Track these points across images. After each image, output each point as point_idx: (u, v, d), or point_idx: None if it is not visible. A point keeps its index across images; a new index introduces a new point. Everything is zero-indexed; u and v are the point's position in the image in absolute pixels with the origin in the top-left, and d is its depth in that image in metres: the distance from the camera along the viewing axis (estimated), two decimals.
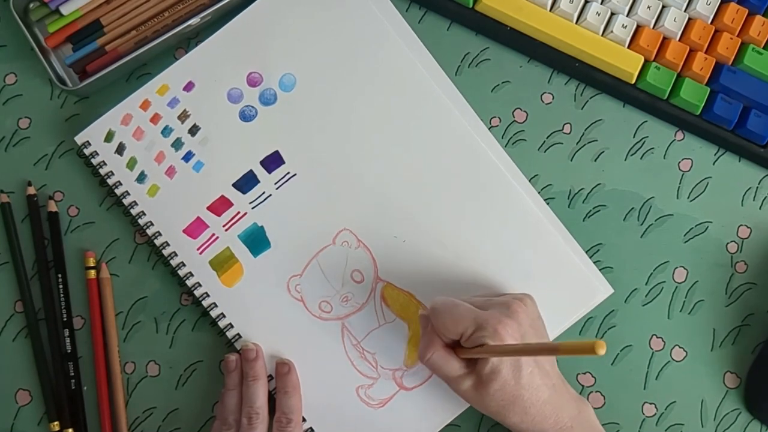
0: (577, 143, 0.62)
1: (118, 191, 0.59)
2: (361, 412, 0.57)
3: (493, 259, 0.58)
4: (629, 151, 0.62)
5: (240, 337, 0.57)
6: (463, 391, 0.52)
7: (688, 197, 0.61)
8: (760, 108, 0.60)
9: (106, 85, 0.61)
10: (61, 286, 0.58)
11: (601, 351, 0.38)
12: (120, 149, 0.59)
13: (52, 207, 0.59)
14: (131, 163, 0.59)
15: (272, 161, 0.59)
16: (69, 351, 0.58)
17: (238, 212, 0.59)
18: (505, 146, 0.61)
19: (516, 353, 0.48)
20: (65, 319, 0.58)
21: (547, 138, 0.62)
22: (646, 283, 0.60)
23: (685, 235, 0.61)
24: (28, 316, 0.58)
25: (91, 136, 0.59)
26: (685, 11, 0.60)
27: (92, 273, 0.59)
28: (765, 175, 0.62)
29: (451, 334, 0.51)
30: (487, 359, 0.50)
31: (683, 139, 0.62)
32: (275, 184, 0.59)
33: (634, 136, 0.62)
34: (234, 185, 0.59)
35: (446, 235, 0.58)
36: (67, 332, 0.58)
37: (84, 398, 0.58)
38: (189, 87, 0.59)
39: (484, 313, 0.51)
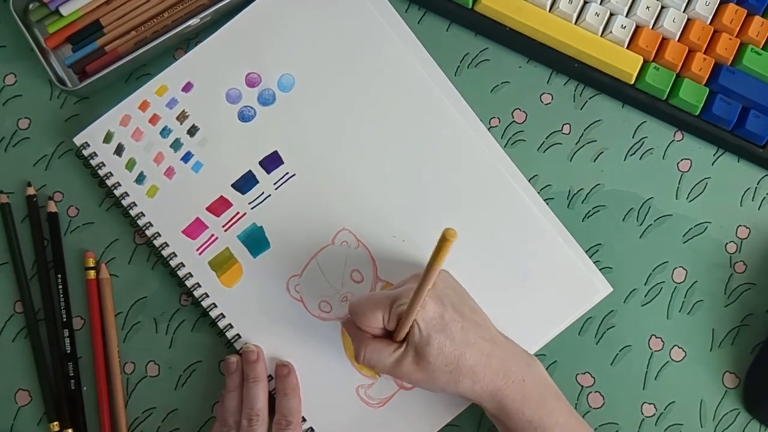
0: (576, 143, 0.62)
1: (118, 192, 0.59)
2: (360, 412, 0.57)
3: (492, 259, 0.58)
4: (628, 151, 0.62)
5: (239, 337, 0.57)
6: (409, 373, 0.51)
7: (687, 197, 0.61)
8: (759, 108, 0.60)
9: (106, 86, 0.61)
10: (60, 287, 0.58)
11: (452, 237, 0.40)
12: (119, 150, 0.59)
13: (52, 207, 0.59)
14: (130, 164, 0.59)
15: (271, 161, 0.59)
16: (69, 351, 0.58)
17: (238, 212, 0.59)
18: (505, 146, 0.61)
19: (419, 292, 0.46)
20: (65, 320, 0.58)
21: (547, 138, 0.62)
22: (645, 284, 0.60)
23: (684, 236, 0.61)
24: (27, 317, 0.58)
25: (90, 136, 0.59)
26: (684, 12, 0.60)
27: (92, 273, 0.59)
28: (764, 176, 0.62)
29: (374, 321, 0.51)
30: (414, 330, 0.50)
31: (682, 139, 0.62)
32: (274, 184, 0.59)
33: (633, 137, 0.62)
34: (233, 186, 0.59)
35: None
36: (66, 332, 0.58)
37: (84, 399, 0.58)
38: (188, 88, 0.59)
39: (399, 289, 0.51)
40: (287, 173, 0.59)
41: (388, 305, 0.50)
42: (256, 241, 0.58)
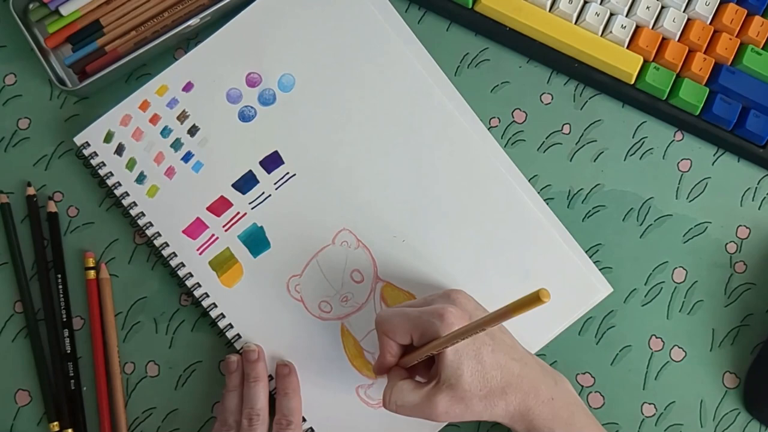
0: (576, 143, 0.62)
1: (118, 192, 0.59)
2: (361, 412, 0.57)
3: (492, 259, 0.58)
4: (628, 151, 0.62)
5: (240, 337, 0.57)
6: (445, 408, 0.49)
7: (687, 197, 0.61)
8: (759, 108, 0.60)
9: (106, 86, 0.61)
10: (60, 287, 0.58)
11: (546, 298, 0.39)
12: (119, 150, 0.59)
13: (52, 208, 0.59)
14: (130, 164, 0.59)
15: (271, 161, 0.59)
16: (69, 351, 0.58)
17: (238, 212, 0.59)
18: (505, 146, 0.61)
19: (471, 331, 0.46)
20: (65, 320, 0.58)
21: (547, 138, 0.62)
22: (645, 284, 0.60)
23: (684, 236, 0.61)
24: (27, 317, 0.58)
25: (91, 136, 0.59)
26: (684, 12, 0.60)
27: (92, 273, 0.59)
28: (764, 176, 0.62)
29: (401, 337, 0.50)
30: (444, 364, 0.48)
31: (682, 139, 0.62)
32: (275, 184, 0.59)
33: (633, 137, 0.62)
34: (233, 185, 0.59)
35: (445, 235, 0.59)
36: (66, 333, 0.58)
37: (83, 399, 0.58)
38: (188, 87, 0.59)
39: (428, 307, 0.50)
40: (287, 173, 0.59)
41: (420, 323, 0.49)
42: (256, 241, 0.58)
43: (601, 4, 0.60)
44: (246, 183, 0.59)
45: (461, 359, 0.49)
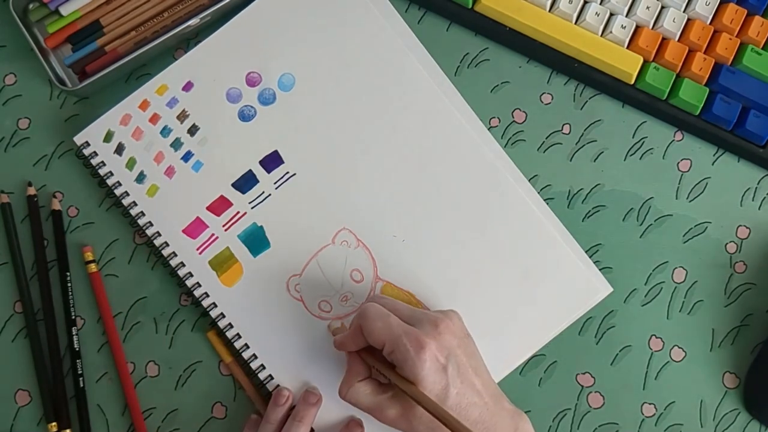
0: (576, 143, 0.62)
1: (118, 191, 0.59)
2: (360, 413, 0.57)
3: (492, 259, 0.58)
4: (628, 151, 0.62)
5: (239, 337, 0.57)
6: (392, 420, 0.50)
7: (687, 197, 0.61)
8: (759, 108, 0.60)
9: (106, 86, 0.61)
10: (70, 284, 0.58)
11: None
12: (119, 149, 0.59)
13: (56, 205, 0.59)
14: (130, 163, 0.59)
15: (271, 161, 0.59)
16: (78, 349, 0.58)
17: (238, 212, 0.59)
18: (505, 146, 0.61)
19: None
20: (73, 317, 0.58)
21: (547, 138, 0.62)
22: (645, 284, 0.60)
23: (684, 236, 0.61)
24: (27, 317, 0.58)
25: (91, 136, 0.59)
26: (684, 12, 0.60)
27: (93, 267, 0.58)
28: (764, 176, 0.62)
29: (373, 340, 0.50)
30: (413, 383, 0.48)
31: (682, 139, 0.62)
32: (274, 183, 0.59)
33: (633, 137, 0.62)
34: (233, 185, 0.59)
35: (445, 235, 0.59)
36: (75, 330, 0.58)
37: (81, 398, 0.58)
38: (188, 87, 0.59)
39: (412, 330, 0.49)
40: (287, 173, 0.59)
41: (396, 342, 0.48)
42: (256, 240, 0.58)
43: (601, 4, 0.60)
44: (246, 182, 0.59)
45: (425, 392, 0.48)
